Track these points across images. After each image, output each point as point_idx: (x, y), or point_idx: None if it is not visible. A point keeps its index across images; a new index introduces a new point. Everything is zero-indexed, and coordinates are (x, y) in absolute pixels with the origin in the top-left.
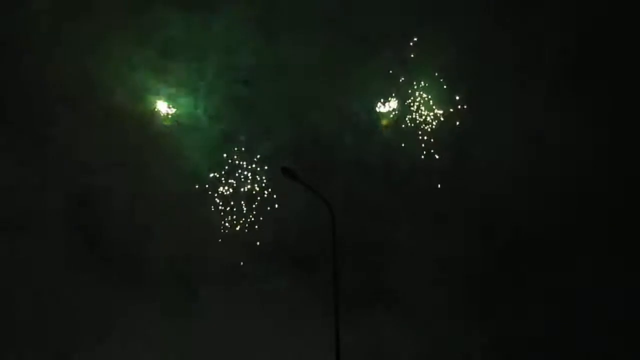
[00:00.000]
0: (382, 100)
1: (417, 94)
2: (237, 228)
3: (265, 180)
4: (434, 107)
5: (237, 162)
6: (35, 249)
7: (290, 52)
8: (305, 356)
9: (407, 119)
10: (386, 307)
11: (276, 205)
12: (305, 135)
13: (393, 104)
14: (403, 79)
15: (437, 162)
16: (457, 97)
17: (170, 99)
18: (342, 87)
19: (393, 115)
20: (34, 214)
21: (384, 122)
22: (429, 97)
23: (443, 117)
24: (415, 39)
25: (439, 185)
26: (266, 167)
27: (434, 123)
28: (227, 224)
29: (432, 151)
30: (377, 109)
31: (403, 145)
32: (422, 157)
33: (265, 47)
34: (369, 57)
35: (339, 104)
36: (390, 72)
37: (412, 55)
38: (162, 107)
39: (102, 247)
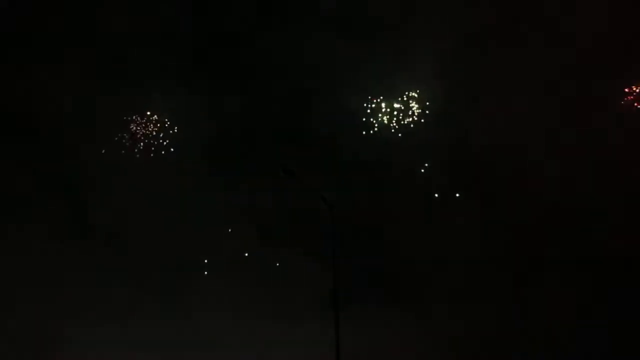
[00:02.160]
0: (381, 98)
1: (417, 91)
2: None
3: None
4: (433, 104)
5: (235, 159)
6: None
7: (291, 51)
8: (305, 353)
9: (407, 116)
10: (387, 304)
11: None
12: (305, 135)
13: (392, 102)
14: (403, 76)
15: (437, 159)
16: (457, 93)
17: (168, 95)
18: (342, 86)
19: (392, 113)
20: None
21: (384, 119)
22: (429, 94)
23: (442, 114)
24: (415, 37)
25: (440, 184)
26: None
27: (434, 120)
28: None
29: (432, 149)
30: (377, 107)
31: (402, 142)
32: (422, 155)
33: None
34: (369, 55)
35: (339, 102)
36: (390, 70)
37: (412, 54)
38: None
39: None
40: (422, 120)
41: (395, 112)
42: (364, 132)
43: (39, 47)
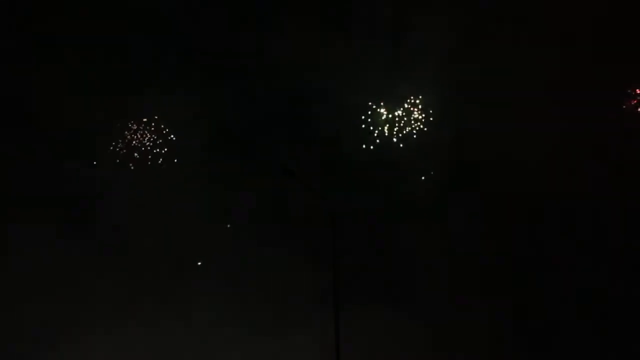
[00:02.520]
0: (382, 99)
1: (418, 91)
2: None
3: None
4: (434, 105)
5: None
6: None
7: (291, 50)
8: (305, 353)
9: (409, 119)
10: (387, 304)
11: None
12: (305, 135)
13: (393, 102)
14: (404, 77)
15: (438, 159)
16: (458, 94)
17: (166, 94)
18: (342, 85)
19: (394, 115)
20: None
21: (385, 121)
22: (430, 95)
23: (443, 115)
24: (415, 38)
25: (440, 184)
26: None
27: (434, 121)
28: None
29: (432, 150)
30: (378, 108)
31: (402, 144)
32: (423, 154)
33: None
34: (370, 55)
35: (340, 102)
36: (391, 70)
37: (413, 54)
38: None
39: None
40: (425, 129)
41: (396, 118)
42: (364, 132)
43: (36, 48)
